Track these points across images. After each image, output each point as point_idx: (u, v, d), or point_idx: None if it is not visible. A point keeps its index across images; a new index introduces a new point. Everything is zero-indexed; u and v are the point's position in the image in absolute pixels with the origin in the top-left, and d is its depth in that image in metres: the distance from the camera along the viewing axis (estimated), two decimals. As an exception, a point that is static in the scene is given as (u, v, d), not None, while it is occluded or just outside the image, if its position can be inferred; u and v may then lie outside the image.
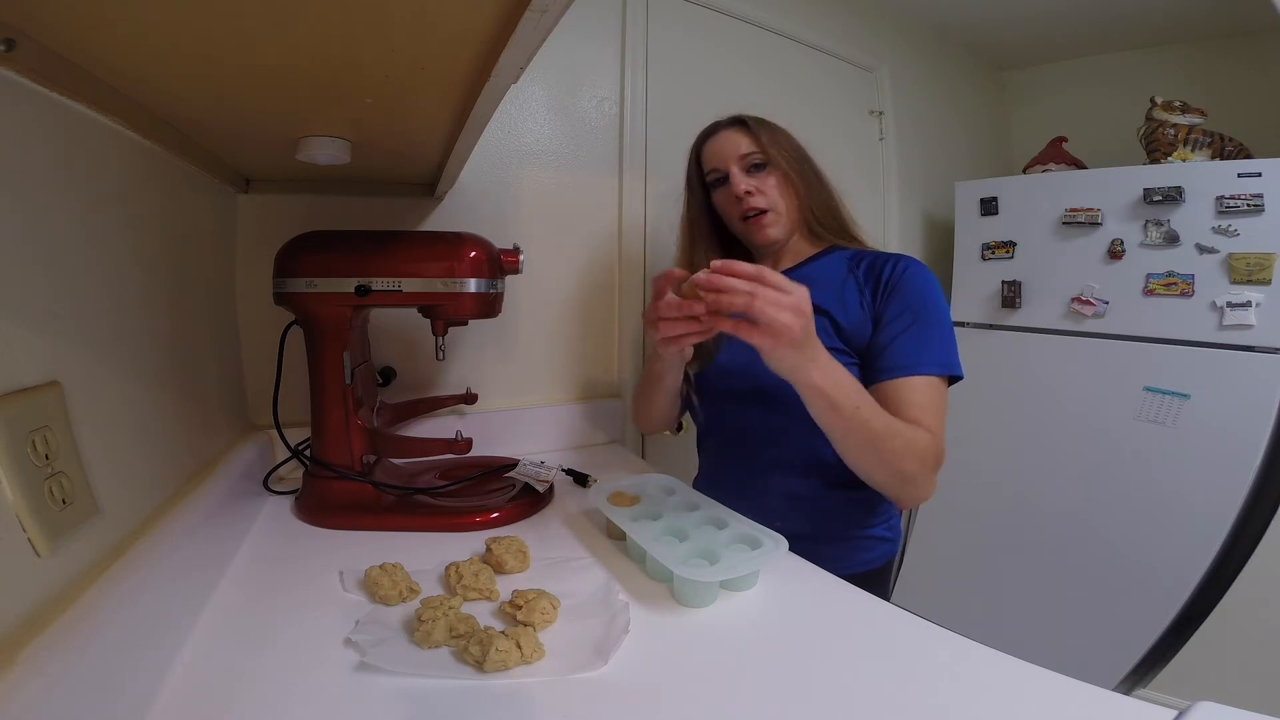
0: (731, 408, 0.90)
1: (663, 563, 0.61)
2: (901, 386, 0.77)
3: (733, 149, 0.90)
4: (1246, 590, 1.36)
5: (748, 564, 0.63)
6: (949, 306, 0.84)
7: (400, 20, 0.38)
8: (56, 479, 0.42)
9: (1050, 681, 0.49)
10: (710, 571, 0.60)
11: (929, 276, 0.84)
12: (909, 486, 0.75)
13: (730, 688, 0.49)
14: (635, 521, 0.72)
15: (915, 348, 0.78)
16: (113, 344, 0.54)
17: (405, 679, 0.48)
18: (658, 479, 0.86)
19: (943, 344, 0.79)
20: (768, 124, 0.92)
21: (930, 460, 0.74)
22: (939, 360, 0.78)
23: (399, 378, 1.05)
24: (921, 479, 0.74)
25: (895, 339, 0.79)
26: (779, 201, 0.90)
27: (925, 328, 0.79)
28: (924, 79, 2.00)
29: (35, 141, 0.43)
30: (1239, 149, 1.55)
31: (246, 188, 0.94)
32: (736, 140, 0.90)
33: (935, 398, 0.77)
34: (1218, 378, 1.42)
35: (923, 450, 0.73)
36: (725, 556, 0.63)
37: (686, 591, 0.61)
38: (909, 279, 0.83)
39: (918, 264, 0.85)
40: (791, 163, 0.90)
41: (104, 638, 0.40)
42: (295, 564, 0.69)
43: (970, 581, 1.81)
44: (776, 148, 0.90)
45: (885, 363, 0.79)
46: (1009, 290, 1.76)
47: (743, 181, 0.89)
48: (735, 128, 0.91)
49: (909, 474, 0.73)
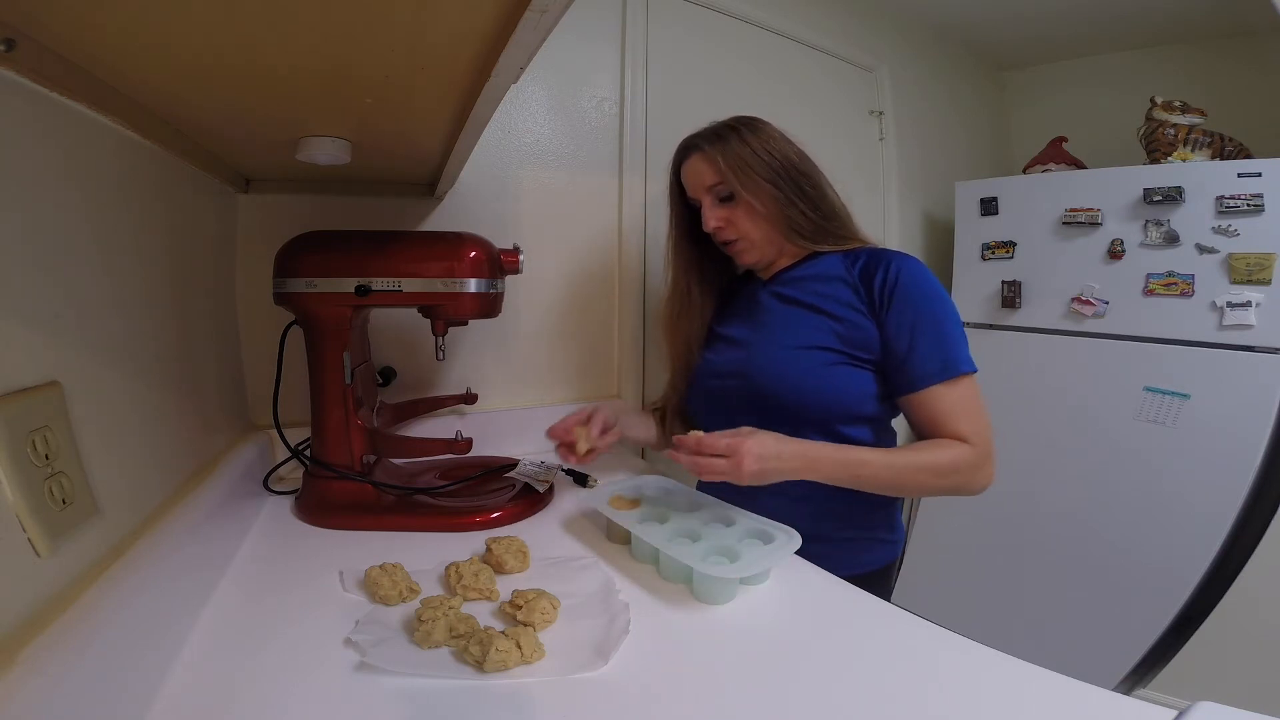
0: (726, 410, 0.90)
1: (684, 561, 0.62)
2: (931, 398, 0.78)
3: (699, 181, 0.88)
4: (1246, 590, 1.36)
5: (768, 558, 0.64)
6: (950, 299, 0.83)
7: (400, 21, 0.38)
8: (56, 479, 0.42)
9: (1050, 681, 0.49)
10: (733, 568, 0.61)
11: (925, 273, 0.83)
12: (956, 492, 0.78)
13: (730, 687, 0.49)
14: (642, 523, 0.72)
15: (935, 352, 0.78)
16: (113, 344, 0.54)
17: (405, 679, 0.48)
18: (654, 480, 0.86)
19: (957, 342, 0.80)
20: (739, 137, 0.86)
21: (967, 467, 0.76)
22: (963, 358, 0.79)
23: (399, 378, 1.04)
24: (966, 484, 0.77)
25: (912, 349, 0.79)
26: (750, 230, 0.87)
27: (936, 328, 0.79)
28: (924, 79, 2.00)
29: (35, 141, 0.43)
30: (1239, 149, 1.55)
31: (246, 188, 0.94)
32: (702, 172, 0.87)
33: (967, 397, 0.78)
34: (1218, 378, 1.42)
35: (952, 464, 0.76)
36: (743, 552, 0.65)
37: (708, 589, 0.62)
38: (905, 281, 0.81)
39: (910, 262, 0.84)
40: (762, 184, 0.85)
41: (104, 638, 0.40)
42: (295, 564, 0.69)
43: (970, 581, 1.81)
44: (745, 172, 0.84)
45: (909, 375, 0.79)
46: (1009, 290, 1.76)
47: (711, 216, 0.88)
48: (702, 155, 0.87)
49: (945, 489, 0.77)
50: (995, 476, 0.78)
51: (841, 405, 0.82)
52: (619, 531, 0.74)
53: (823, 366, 0.82)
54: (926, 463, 0.76)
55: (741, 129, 0.87)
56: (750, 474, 0.69)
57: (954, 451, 0.76)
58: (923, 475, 0.76)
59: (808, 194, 0.87)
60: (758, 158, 0.85)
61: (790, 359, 0.84)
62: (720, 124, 0.90)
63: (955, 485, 0.77)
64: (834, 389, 0.82)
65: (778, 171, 0.85)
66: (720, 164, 0.85)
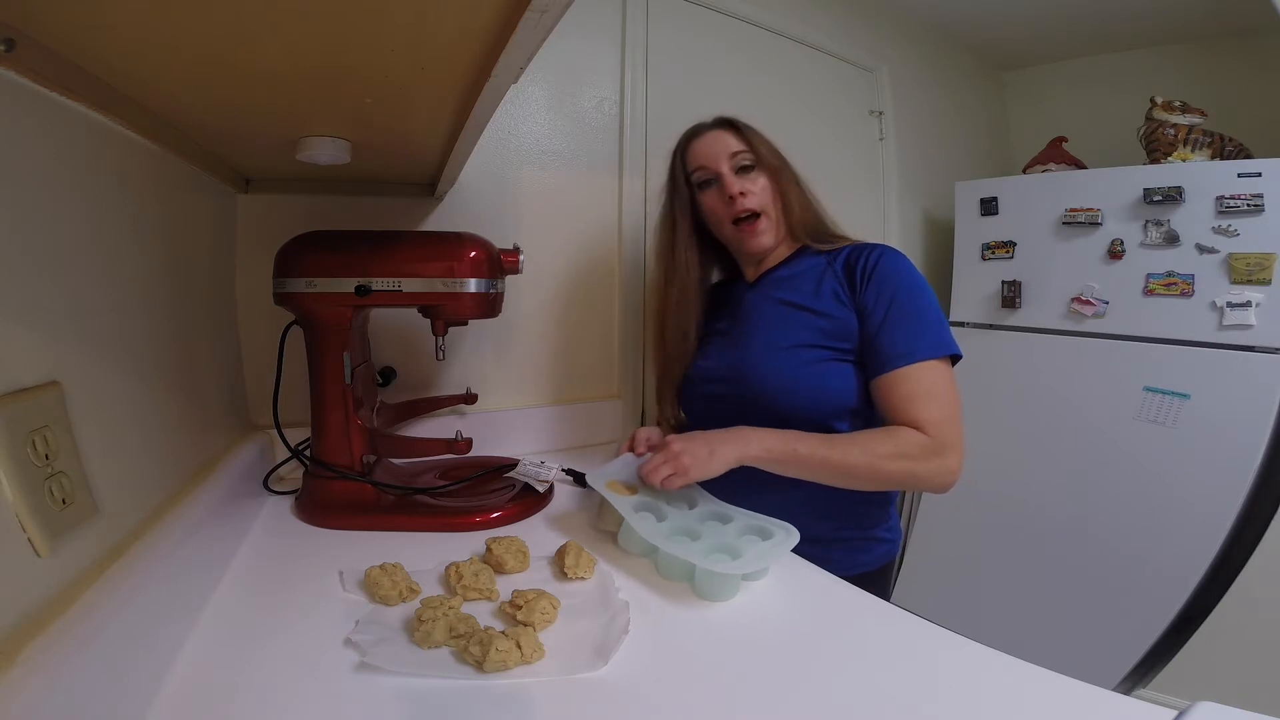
0: (718, 411, 0.90)
1: (686, 559, 0.63)
2: (896, 380, 0.77)
3: (723, 148, 0.89)
4: (1246, 590, 1.36)
5: (770, 553, 0.65)
6: (930, 287, 0.83)
7: (400, 21, 0.38)
8: (56, 479, 0.42)
9: (1050, 681, 0.49)
10: (737, 564, 0.62)
11: (903, 261, 0.84)
12: (914, 484, 0.76)
13: (730, 687, 0.49)
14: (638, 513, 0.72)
15: (904, 336, 0.78)
16: (113, 344, 0.54)
17: (405, 679, 0.48)
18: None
19: (930, 326, 0.78)
20: (751, 127, 0.92)
21: (917, 454, 0.73)
22: (931, 343, 0.77)
23: (399, 378, 1.04)
24: (916, 474, 0.74)
25: (880, 330, 0.79)
26: (770, 205, 0.89)
27: (907, 313, 0.79)
28: (924, 79, 2.00)
29: (35, 141, 0.43)
30: (1239, 149, 1.55)
31: (246, 188, 0.94)
32: (726, 140, 0.89)
33: (934, 382, 0.76)
34: (1218, 378, 1.42)
35: (895, 449, 0.73)
36: (744, 549, 0.65)
37: (711, 585, 0.62)
38: (883, 266, 0.82)
39: (891, 251, 0.85)
40: (773, 166, 0.90)
41: (104, 638, 0.40)
42: (295, 564, 0.69)
43: (970, 581, 1.81)
44: (763, 150, 0.90)
45: (878, 357, 0.79)
46: (1009, 290, 1.76)
47: (735, 183, 0.88)
48: (723, 128, 0.91)
49: (894, 477, 0.74)
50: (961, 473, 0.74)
51: (832, 402, 0.82)
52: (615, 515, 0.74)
53: (812, 364, 0.83)
54: (864, 442, 0.73)
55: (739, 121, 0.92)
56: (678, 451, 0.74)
57: (898, 437, 0.74)
58: (862, 456, 0.72)
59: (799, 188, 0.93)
60: (765, 143, 0.91)
61: (780, 361, 0.84)
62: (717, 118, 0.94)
63: (904, 473, 0.73)
64: (824, 386, 0.82)
65: (779, 159, 0.91)
66: (732, 137, 0.89)
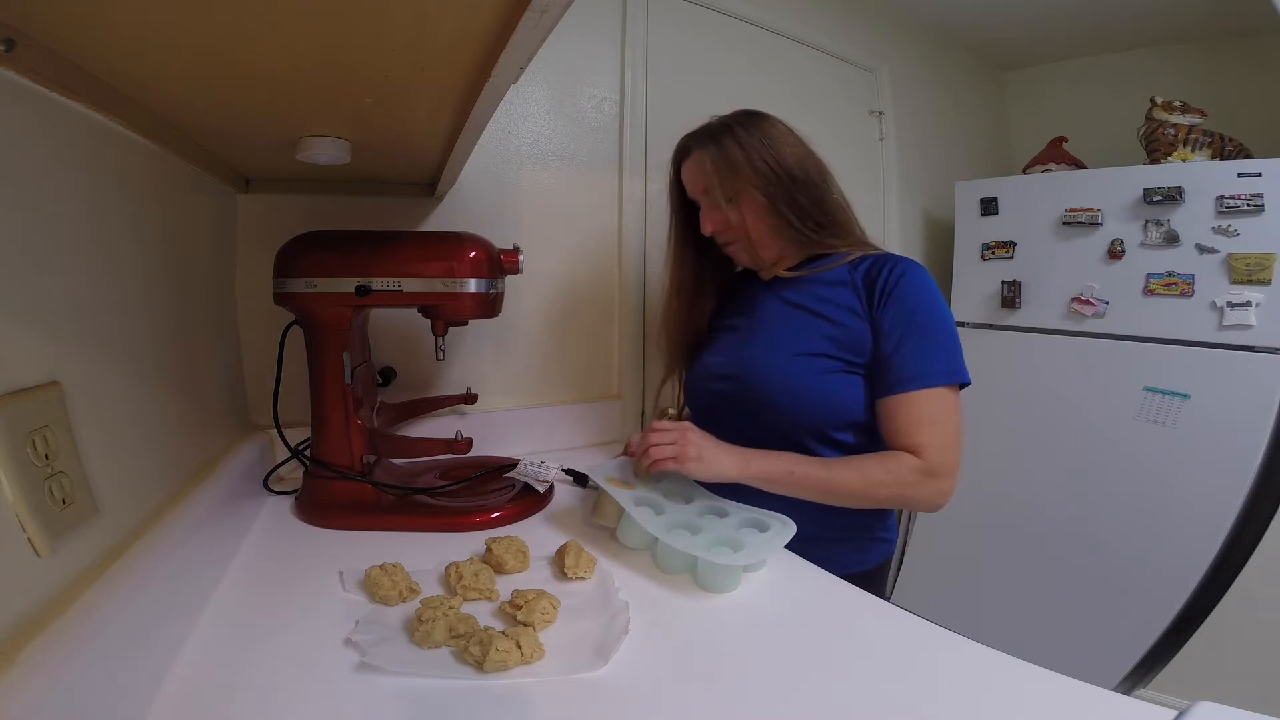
0: (722, 409, 0.89)
1: (687, 551, 0.64)
2: (904, 403, 0.77)
3: (700, 181, 0.87)
4: (1246, 590, 1.36)
5: (770, 544, 0.67)
6: (949, 309, 0.83)
7: (400, 21, 0.38)
8: (56, 479, 0.42)
9: (1050, 681, 0.49)
10: (739, 555, 0.63)
11: (926, 280, 0.82)
12: (904, 505, 0.79)
13: (730, 687, 0.49)
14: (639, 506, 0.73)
15: (918, 359, 0.77)
16: (113, 344, 0.54)
17: (405, 679, 0.48)
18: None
19: (944, 352, 0.78)
20: (733, 138, 0.84)
21: (914, 479, 0.75)
22: (943, 369, 0.77)
23: (399, 378, 1.04)
24: (906, 498, 0.77)
25: (896, 351, 0.78)
26: (748, 232, 0.86)
27: (925, 336, 0.78)
28: (924, 79, 2.00)
29: (35, 141, 0.43)
30: (1239, 149, 1.55)
31: (246, 188, 0.94)
32: (704, 168, 0.86)
33: (939, 408, 0.77)
34: (1218, 378, 1.42)
35: (885, 476, 0.75)
36: (744, 541, 0.67)
37: (712, 577, 0.63)
38: (905, 285, 0.80)
39: (915, 268, 0.82)
40: (752, 190, 0.83)
41: (104, 638, 0.40)
42: (295, 564, 0.69)
43: (970, 581, 1.81)
44: (735, 175, 0.83)
45: (890, 377, 0.78)
46: (1009, 290, 1.76)
47: (707, 220, 0.88)
48: (708, 147, 0.85)
49: (884, 500, 0.77)
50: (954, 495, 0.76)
51: (836, 413, 0.82)
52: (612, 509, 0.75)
53: (819, 374, 0.82)
54: (861, 468, 0.76)
55: (737, 128, 0.85)
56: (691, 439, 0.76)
57: (890, 463, 0.76)
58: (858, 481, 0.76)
59: (803, 196, 0.84)
60: (749, 160, 0.83)
61: (787, 366, 0.84)
62: (718, 121, 0.88)
63: (897, 497, 0.77)
64: (830, 397, 0.82)
65: (769, 174, 0.83)
66: (708, 167, 0.85)
